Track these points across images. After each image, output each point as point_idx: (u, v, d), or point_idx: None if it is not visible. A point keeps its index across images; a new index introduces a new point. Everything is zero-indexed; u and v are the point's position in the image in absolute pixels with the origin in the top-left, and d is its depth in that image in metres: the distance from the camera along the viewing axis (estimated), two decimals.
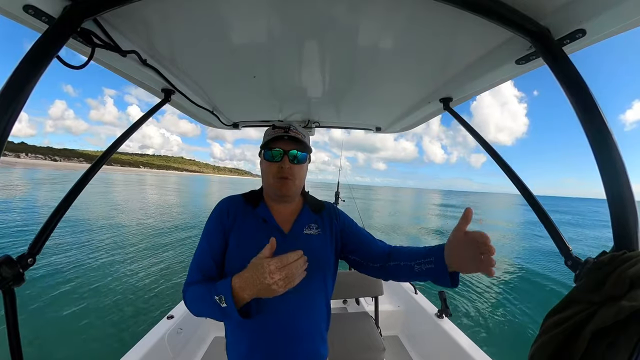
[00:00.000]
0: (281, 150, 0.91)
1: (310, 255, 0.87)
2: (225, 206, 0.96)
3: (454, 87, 1.21)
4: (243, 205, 0.97)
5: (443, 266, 0.78)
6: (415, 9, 0.72)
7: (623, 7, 0.61)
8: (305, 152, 0.94)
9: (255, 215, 0.95)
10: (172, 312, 2.15)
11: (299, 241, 0.93)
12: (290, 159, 0.91)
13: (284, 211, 0.99)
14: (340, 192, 3.44)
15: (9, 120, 0.55)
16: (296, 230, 0.95)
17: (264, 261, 0.70)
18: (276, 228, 0.93)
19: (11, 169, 66.38)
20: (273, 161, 0.92)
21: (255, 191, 1.04)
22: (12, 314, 0.66)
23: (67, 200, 0.86)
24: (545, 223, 0.80)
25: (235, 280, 0.73)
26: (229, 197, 1.01)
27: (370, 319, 2.07)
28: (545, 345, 0.54)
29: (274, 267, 0.69)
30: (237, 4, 0.73)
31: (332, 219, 1.03)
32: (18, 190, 26.69)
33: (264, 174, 0.96)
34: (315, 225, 0.98)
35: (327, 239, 0.98)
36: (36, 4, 0.63)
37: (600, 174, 0.60)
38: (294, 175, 0.92)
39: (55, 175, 63.57)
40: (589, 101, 0.62)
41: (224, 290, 0.73)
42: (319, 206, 1.05)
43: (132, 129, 1.14)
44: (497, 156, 1.04)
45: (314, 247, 0.94)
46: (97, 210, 17.95)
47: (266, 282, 0.68)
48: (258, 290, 0.70)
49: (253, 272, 0.71)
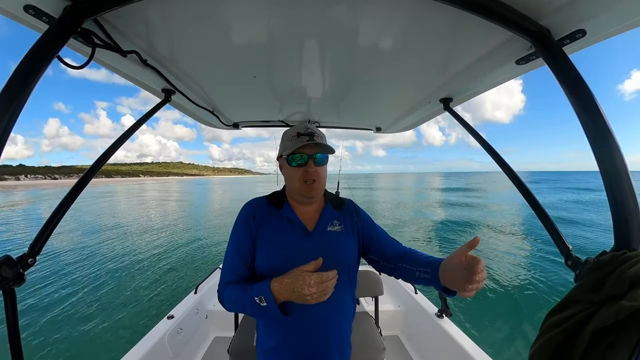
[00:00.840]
0: (306, 155, 0.94)
1: (335, 252, 0.96)
2: (251, 209, 1.00)
3: (454, 88, 1.21)
4: (268, 207, 1.01)
5: (437, 280, 0.86)
6: (415, 9, 0.72)
7: (623, 7, 0.61)
8: (326, 153, 0.98)
9: (280, 215, 0.99)
10: (172, 312, 2.15)
11: (324, 238, 0.97)
12: (316, 163, 0.95)
13: (308, 210, 1.02)
14: (339, 192, 3.43)
15: (9, 120, 0.55)
16: (320, 228, 0.98)
17: (306, 274, 0.79)
18: (301, 227, 0.97)
19: (13, 192, 66.26)
20: (298, 166, 0.95)
21: (278, 192, 1.08)
22: (13, 314, 0.66)
23: (68, 200, 0.86)
24: (544, 222, 0.80)
25: (275, 284, 0.82)
26: (254, 199, 1.05)
27: (371, 319, 2.07)
28: (545, 345, 0.54)
29: (313, 282, 0.78)
30: (237, 4, 0.73)
31: (352, 215, 1.07)
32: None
33: (289, 178, 0.99)
34: (338, 222, 1.02)
35: (350, 235, 1.02)
36: (36, 4, 0.63)
37: (600, 174, 0.59)
38: (319, 176, 0.96)
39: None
40: (589, 101, 0.62)
41: (264, 292, 0.82)
42: (339, 203, 1.09)
43: (132, 128, 1.14)
44: (498, 156, 1.04)
45: (338, 243, 0.98)
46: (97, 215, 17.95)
47: (303, 293, 0.77)
48: (294, 297, 0.79)
49: (293, 280, 0.79)
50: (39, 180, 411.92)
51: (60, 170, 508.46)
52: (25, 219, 18.46)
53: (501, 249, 10.71)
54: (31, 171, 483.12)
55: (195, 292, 2.55)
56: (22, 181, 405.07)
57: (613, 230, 0.57)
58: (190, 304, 2.34)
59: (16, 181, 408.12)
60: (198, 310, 2.40)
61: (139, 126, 1.15)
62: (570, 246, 0.72)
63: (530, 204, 0.88)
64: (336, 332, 0.95)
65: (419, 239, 11.26)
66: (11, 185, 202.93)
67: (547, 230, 0.79)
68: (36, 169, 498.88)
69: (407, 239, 11.09)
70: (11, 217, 19.83)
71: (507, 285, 6.83)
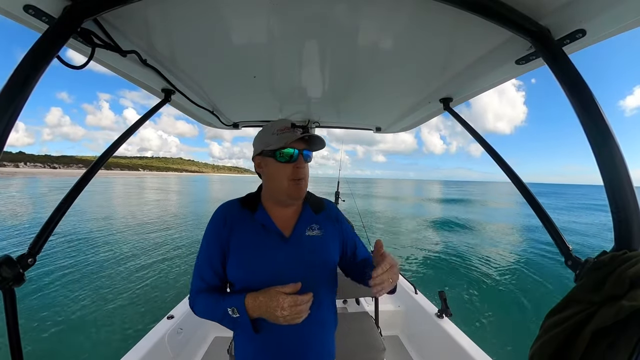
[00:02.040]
0: (296, 150, 0.85)
1: (314, 257, 0.91)
2: (222, 214, 0.93)
3: (454, 87, 1.21)
4: (240, 211, 0.93)
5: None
6: (415, 9, 0.72)
7: (623, 7, 0.61)
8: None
9: (253, 220, 0.91)
10: (172, 312, 2.15)
11: (301, 244, 0.91)
12: (305, 159, 0.88)
13: (284, 214, 0.94)
14: (339, 193, 3.42)
15: (9, 120, 0.55)
16: (298, 233, 0.92)
17: (281, 296, 0.77)
18: (276, 233, 0.89)
19: (10, 179, 67.58)
20: (288, 162, 0.85)
21: (252, 194, 0.99)
22: (12, 314, 0.66)
23: (67, 200, 0.86)
24: (545, 222, 0.80)
25: (249, 300, 0.80)
26: (226, 203, 0.98)
27: (371, 319, 2.07)
28: (545, 345, 0.54)
29: (287, 305, 0.76)
30: (237, 4, 0.73)
31: (333, 219, 1.02)
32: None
33: (275, 177, 0.88)
34: (317, 225, 0.96)
35: (329, 239, 0.97)
36: (36, 4, 0.63)
37: (601, 174, 0.59)
38: (306, 175, 0.89)
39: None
40: (589, 101, 0.62)
41: (238, 305, 0.80)
42: (319, 205, 1.02)
43: (132, 128, 1.14)
44: (498, 156, 1.04)
45: (317, 248, 0.92)
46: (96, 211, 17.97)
47: (276, 314, 0.76)
48: (266, 316, 0.78)
49: (268, 300, 0.78)
50: (37, 169, 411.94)
51: (60, 159, 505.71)
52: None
53: (501, 249, 10.71)
54: (30, 159, 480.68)
55: None
56: (21, 168, 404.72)
57: (613, 230, 0.57)
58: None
59: (15, 168, 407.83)
60: None
61: (138, 126, 1.15)
62: (570, 246, 0.72)
63: (530, 203, 0.88)
64: (316, 344, 0.91)
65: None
66: (10, 172, 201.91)
67: (547, 231, 0.79)
68: (36, 157, 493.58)
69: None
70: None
71: (507, 285, 6.83)
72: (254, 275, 0.85)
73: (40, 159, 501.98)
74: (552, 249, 8.95)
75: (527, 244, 11.58)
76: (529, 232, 13.63)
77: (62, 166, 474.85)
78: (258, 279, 0.84)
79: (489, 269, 8.07)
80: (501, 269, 8.14)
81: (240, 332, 0.91)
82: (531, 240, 12.31)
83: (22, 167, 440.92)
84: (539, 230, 12.68)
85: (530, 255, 9.74)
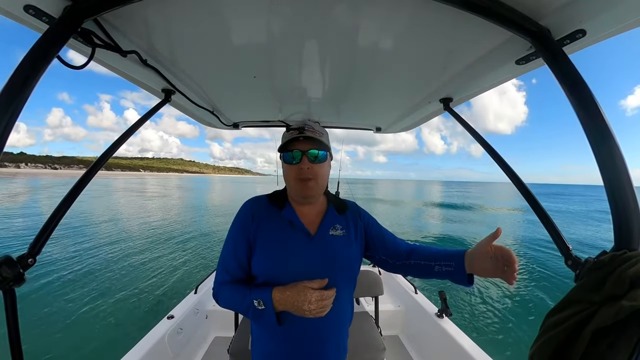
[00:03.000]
0: (300, 151, 0.90)
1: (336, 256, 0.94)
2: (250, 210, 0.96)
3: (454, 87, 1.21)
4: (268, 207, 0.97)
5: (462, 270, 0.87)
6: (415, 9, 0.72)
7: (623, 7, 0.61)
8: (325, 150, 0.94)
9: (281, 217, 0.95)
10: (172, 312, 2.15)
11: (325, 243, 0.94)
12: (310, 159, 0.91)
13: (310, 212, 0.99)
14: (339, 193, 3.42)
15: (9, 120, 0.55)
16: (322, 232, 0.95)
17: (309, 291, 0.81)
18: (303, 230, 0.93)
19: (12, 179, 67.85)
20: (293, 163, 0.91)
21: (279, 192, 1.04)
22: (13, 314, 0.66)
23: (67, 200, 0.86)
24: (544, 222, 0.80)
25: (276, 294, 0.83)
26: (254, 198, 1.02)
27: (371, 319, 2.07)
28: (545, 345, 0.54)
29: (314, 299, 0.81)
30: (237, 4, 0.73)
31: (356, 218, 1.04)
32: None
33: (286, 177, 0.96)
34: (340, 226, 0.99)
35: (352, 239, 0.99)
36: (36, 4, 0.63)
37: (600, 174, 0.59)
38: (315, 174, 0.91)
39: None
40: (589, 101, 0.61)
41: (265, 298, 0.83)
42: (343, 206, 1.06)
43: (132, 128, 1.14)
44: (498, 156, 1.04)
45: (340, 248, 0.96)
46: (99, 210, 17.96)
47: (303, 308, 0.80)
48: (293, 309, 0.82)
49: (295, 294, 0.81)
50: (39, 169, 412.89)
51: (61, 160, 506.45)
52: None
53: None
54: (32, 160, 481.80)
55: (195, 292, 2.55)
56: (22, 169, 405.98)
57: (613, 230, 0.57)
58: (190, 304, 2.34)
59: (16, 169, 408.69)
60: (198, 310, 2.40)
61: (138, 127, 1.15)
62: (570, 246, 0.72)
63: (529, 203, 0.88)
64: (334, 338, 0.94)
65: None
66: (11, 173, 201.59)
67: (547, 230, 0.79)
68: (37, 158, 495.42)
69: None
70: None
71: (506, 285, 6.83)
72: (279, 270, 0.88)
73: (42, 160, 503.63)
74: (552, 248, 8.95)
75: (527, 244, 11.58)
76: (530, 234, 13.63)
77: (63, 167, 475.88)
78: (283, 274, 0.87)
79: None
80: None
81: (261, 324, 0.94)
82: (531, 240, 12.31)
83: (24, 167, 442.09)
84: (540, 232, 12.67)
85: (530, 255, 9.73)
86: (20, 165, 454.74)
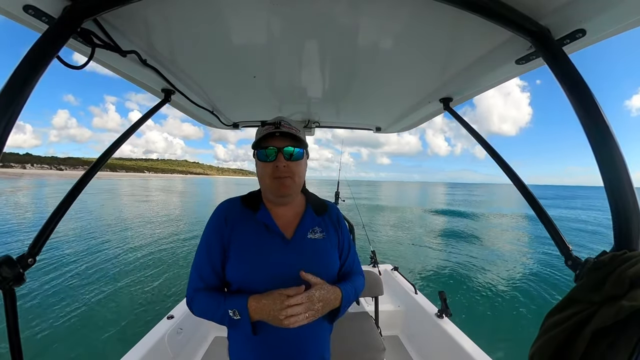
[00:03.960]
0: (275, 148, 0.85)
1: (315, 261, 0.89)
2: (223, 213, 0.91)
3: (454, 87, 1.21)
4: (242, 210, 0.92)
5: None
6: (415, 8, 0.72)
7: (623, 7, 0.61)
8: (301, 147, 0.89)
9: (255, 220, 0.90)
10: (172, 312, 2.15)
11: (303, 247, 0.89)
12: (286, 157, 0.86)
13: (286, 215, 0.94)
14: (339, 193, 3.43)
15: (9, 120, 0.54)
16: (299, 236, 0.90)
17: (284, 299, 0.76)
18: (278, 234, 0.88)
19: (18, 180, 68.06)
20: (267, 161, 0.86)
21: (254, 193, 0.99)
22: (13, 314, 0.66)
23: (67, 200, 0.86)
24: (544, 222, 0.80)
25: (252, 303, 0.78)
26: (227, 201, 0.96)
27: (371, 319, 2.07)
28: (545, 345, 0.54)
29: (291, 306, 0.75)
30: (237, 4, 0.73)
31: (335, 223, 1.00)
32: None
33: (260, 176, 0.90)
34: (319, 228, 0.94)
35: (331, 242, 0.95)
36: (36, 4, 0.63)
37: (600, 174, 0.59)
38: (292, 172, 0.87)
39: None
40: (589, 101, 0.61)
41: (240, 307, 0.79)
42: (322, 207, 1.01)
43: (132, 129, 1.14)
44: (498, 157, 1.04)
45: (319, 251, 0.91)
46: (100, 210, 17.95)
47: (279, 317, 0.75)
48: (269, 319, 0.77)
49: (271, 303, 0.77)
50: (44, 170, 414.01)
51: (67, 161, 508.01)
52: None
53: (501, 249, 10.70)
54: (37, 160, 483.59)
55: None
56: (28, 170, 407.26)
57: (613, 230, 0.57)
58: None
59: (22, 170, 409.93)
60: None
61: (138, 126, 1.15)
62: (570, 246, 0.72)
63: (529, 203, 0.88)
64: (315, 339, 0.90)
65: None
66: (17, 174, 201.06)
67: (547, 230, 0.79)
68: (42, 159, 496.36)
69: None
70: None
71: (506, 285, 6.83)
72: (254, 276, 0.84)
73: (47, 161, 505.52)
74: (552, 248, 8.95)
75: (527, 244, 11.58)
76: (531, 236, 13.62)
77: (68, 168, 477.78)
78: (258, 281, 0.83)
79: (489, 269, 8.07)
80: (501, 269, 8.14)
81: (237, 333, 0.90)
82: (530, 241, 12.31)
83: (29, 168, 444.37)
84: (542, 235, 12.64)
85: (529, 255, 9.73)
86: (26, 166, 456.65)
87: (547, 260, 9.00)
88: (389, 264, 3.33)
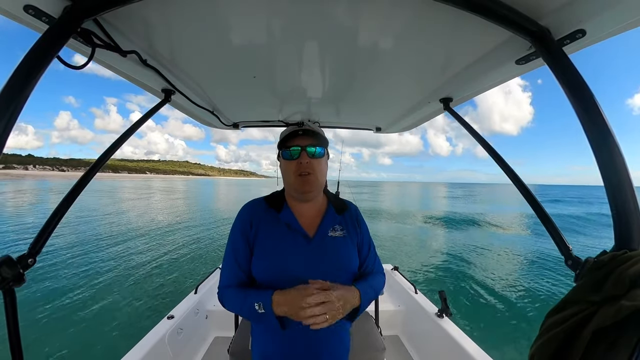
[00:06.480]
0: (299, 147, 0.91)
1: (336, 258, 0.92)
2: (248, 215, 0.96)
3: (454, 87, 1.21)
4: (266, 210, 0.97)
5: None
6: (415, 8, 0.72)
7: (623, 7, 0.61)
8: (322, 146, 0.94)
9: (278, 220, 0.95)
10: (172, 312, 2.15)
11: (325, 245, 0.93)
12: (309, 155, 0.91)
13: (308, 213, 0.98)
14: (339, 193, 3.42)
15: (9, 120, 0.54)
16: (321, 234, 0.94)
17: (305, 295, 0.77)
18: (301, 233, 0.93)
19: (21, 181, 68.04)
20: (292, 159, 0.92)
21: (277, 193, 1.04)
22: (13, 314, 0.66)
23: (67, 200, 0.86)
24: (545, 222, 0.80)
25: (277, 297, 0.81)
26: (251, 202, 1.01)
27: (371, 319, 2.07)
28: (545, 345, 0.54)
29: (313, 301, 0.77)
30: (237, 4, 0.73)
31: (354, 222, 1.03)
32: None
33: (285, 174, 0.96)
34: (340, 227, 0.98)
35: (351, 241, 0.98)
36: (36, 4, 0.63)
37: (600, 174, 0.59)
38: (314, 169, 0.92)
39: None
40: (589, 101, 0.62)
41: (265, 301, 0.81)
42: (342, 206, 1.05)
43: (132, 129, 1.14)
44: (498, 157, 1.04)
45: (339, 249, 0.95)
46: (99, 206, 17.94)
47: (300, 313, 0.76)
48: (292, 313, 0.78)
49: (293, 298, 0.78)
50: (46, 172, 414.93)
51: (69, 162, 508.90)
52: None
53: (501, 249, 10.70)
54: (39, 162, 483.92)
55: (195, 292, 2.54)
56: (30, 171, 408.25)
57: (613, 230, 0.57)
58: (190, 304, 2.34)
59: (24, 171, 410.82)
60: (198, 310, 2.40)
61: (138, 127, 1.15)
62: (570, 246, 0.72)
63: (529, 203, 0.88)
64: (334, 340, 0.93)
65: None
66: (20, 175, 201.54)
67: (547, 230, 0.79)
68: (44, 160, 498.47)
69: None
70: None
71: (507, 285, 6.83)
72: (279, 274, 0.88)
73: (49, 162, 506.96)
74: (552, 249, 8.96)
75: (527, 244, 11.58)
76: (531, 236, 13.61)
77: (70, 169, 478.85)
78: (282, 279, 0.86)
79: (489, 269, 8.07)
80: (501, 269, 8.14)
81: (261, 327, 0.93)
82: (530, 241, 12.31)
83: (31, 169, 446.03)
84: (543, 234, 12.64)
85: (529, 255, 9.73)
86: (28, 167, 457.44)
87: (547, 260, 9.00)
88: (389, 264, 3.34)
